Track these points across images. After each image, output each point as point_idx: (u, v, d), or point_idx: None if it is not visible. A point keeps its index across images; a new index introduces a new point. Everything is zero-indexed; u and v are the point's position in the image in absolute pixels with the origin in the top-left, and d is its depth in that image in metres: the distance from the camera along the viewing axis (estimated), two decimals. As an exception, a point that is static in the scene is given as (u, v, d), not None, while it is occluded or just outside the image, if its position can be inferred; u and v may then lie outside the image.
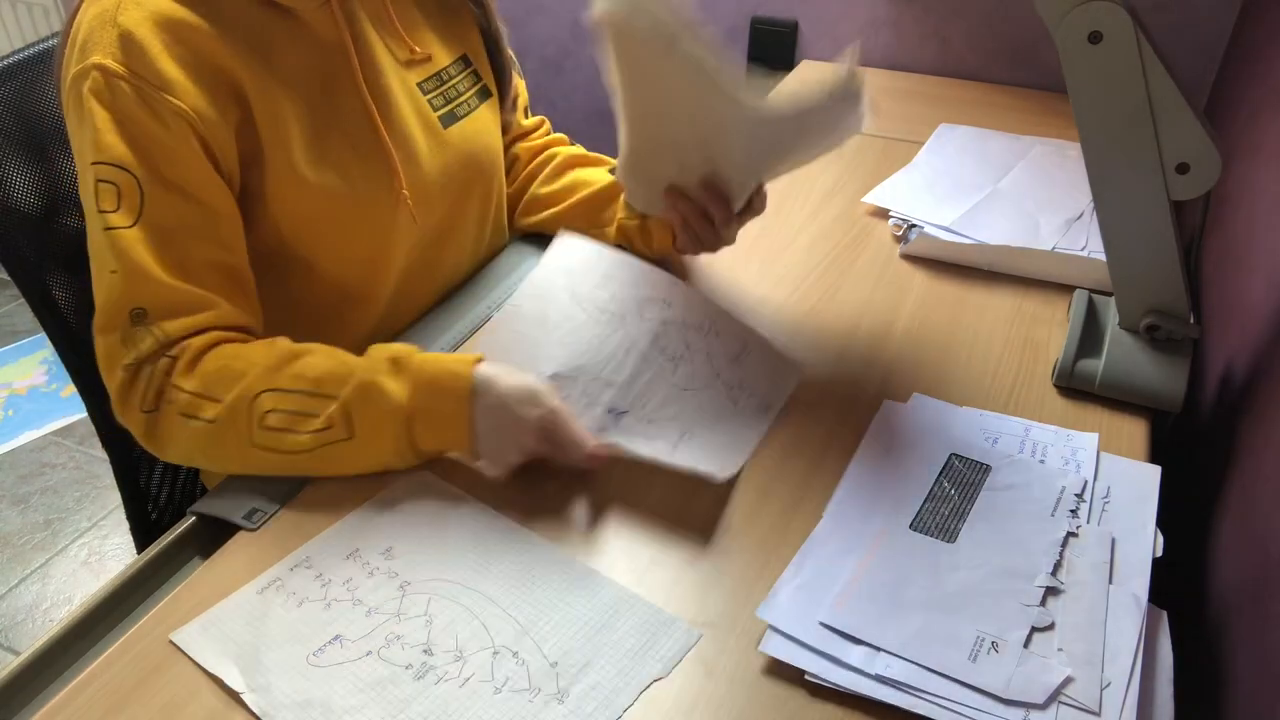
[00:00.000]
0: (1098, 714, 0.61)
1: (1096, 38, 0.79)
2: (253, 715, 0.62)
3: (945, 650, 0.64)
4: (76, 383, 1.01)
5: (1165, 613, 0.68)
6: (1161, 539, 0.73)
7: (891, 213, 1.19)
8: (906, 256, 1.12)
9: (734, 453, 0.82)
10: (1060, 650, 0.65)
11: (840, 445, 0.83)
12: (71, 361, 1.00)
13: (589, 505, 0.78)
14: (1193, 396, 1.05)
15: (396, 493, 0.78)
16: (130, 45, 0.76)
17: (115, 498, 1.24)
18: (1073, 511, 0.75)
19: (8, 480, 2.02)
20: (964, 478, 0.79)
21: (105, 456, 1.05)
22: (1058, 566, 0.71)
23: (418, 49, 0.96)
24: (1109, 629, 0.66)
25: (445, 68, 0.99)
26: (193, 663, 0.65)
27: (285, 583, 0.70)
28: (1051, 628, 0.66)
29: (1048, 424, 0.85)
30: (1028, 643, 0.65)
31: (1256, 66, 1.25)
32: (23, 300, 1.08)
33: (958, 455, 0.81)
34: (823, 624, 0.66)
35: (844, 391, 0.89)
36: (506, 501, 0.77)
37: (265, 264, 0.87)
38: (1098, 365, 0.89)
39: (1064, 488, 0.78)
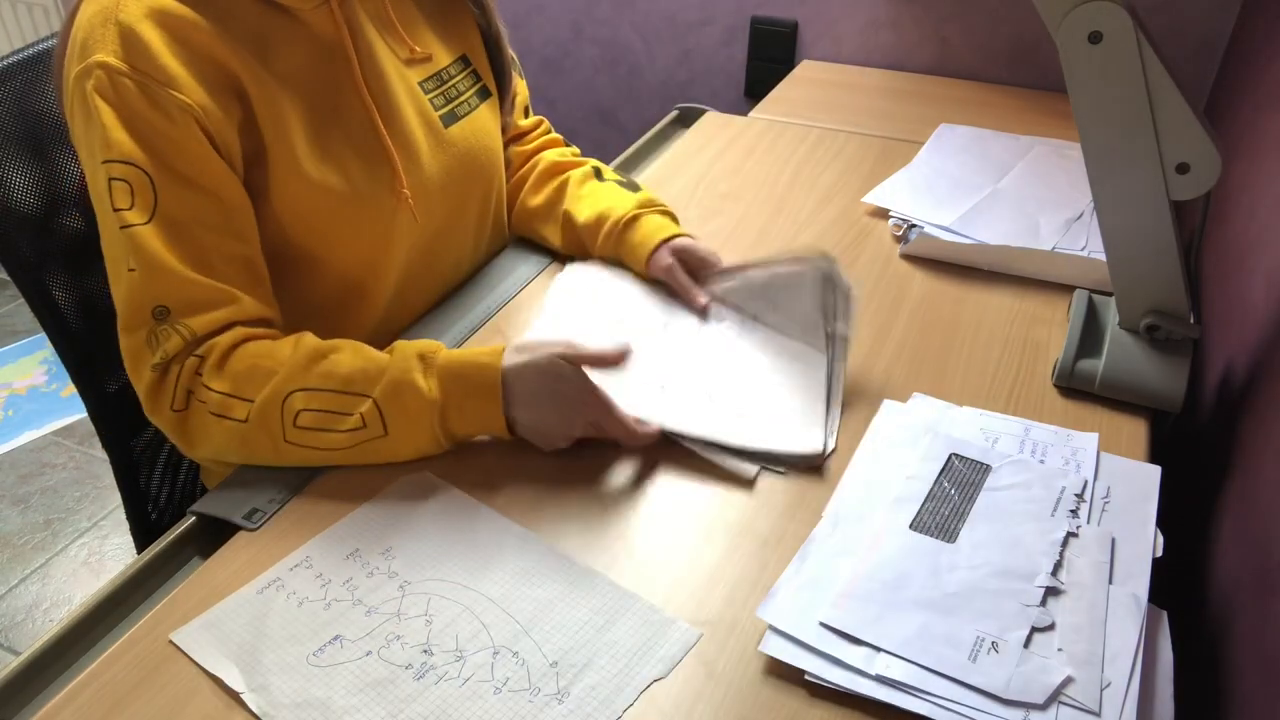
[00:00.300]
0: (1098, 714, 0.61)
1: (1096, 38, 0.79)
2: (253, 715, 0.62)
3: (945, 650, 0.64)
4: (76, 383, 1.01)
5: (1165, 613, 0.68)
6: (1161, 539, 0.73)
7: (891, 213, 1.19)
8: (906, 256, 1.12)
9: (809, 425, 0.84)
10: (1060, 650, 0.65)
11: (840, 445, 0.83)
12: (71, 361, 1.00)
13: (589, 505, 0.78)
14: (1193, 396, 1.05)
15: (396, 493, 0.78)
16: (132, 42, 0.76)
17: (115, 498, 1.24)
18: (1073, 511, 0.75)
19: (8, 480, 2.02)
20: (964, 478, 0.79)
21: (105, 456, 1.05)
22: (1058, 566, 0.71)
23: (418, 48, 0.96)
24: (1109, 629, 0.66)
25: (445, 67, 0.99)
26: (193, 663, 0.65)
27: (285, 583, 0.70)
28: (1051, 628, 0.66)
29: (1048, 424, 0.85)
30: (1028, 643, 0.65)
31: (1256, 66, 1.25)
32: (23, 300, 1.08)
33: (958, 455, 0.81)
34: (823, 624, 0.66)
35: (844, 391, 0.89)
36: (507, 501, 0.78)
37: (266, 263, 0.87)
38: (1098, 365, 0.89)
39: (1064, 488, 0.78)
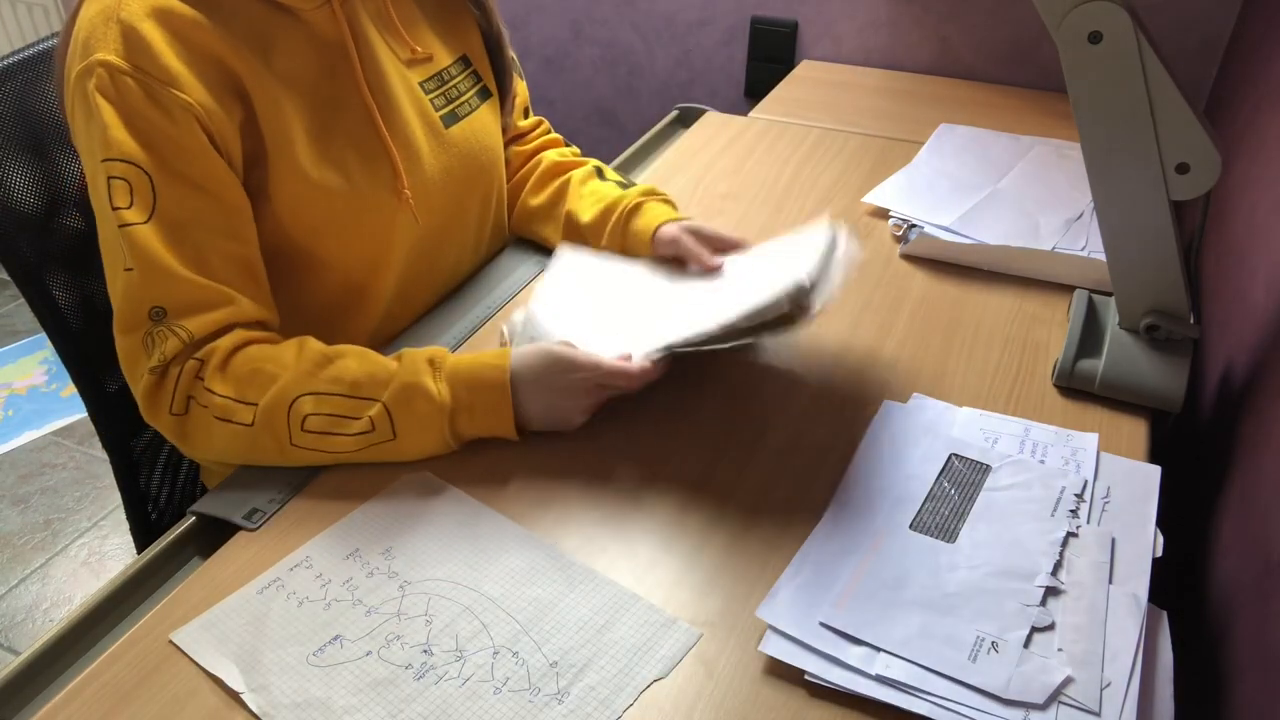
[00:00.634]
0: (1098, 714, 0.61)
1: (1096, 38, 0.79)
2: (253, 715, 0.62)
3: (945, 650, 0.64)
4: (76, 383, 1.01)
5: (1165, 613, 0.68)
6: (1161, 539, 0.73)
7: (891, 213, 1.19)
8: (906, 256, 1.12)
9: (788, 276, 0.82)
10: (1060, 650, 0.65)
11: (840, 445, 0.83)
12: (71, 361, 1.00)
13: (589, 505, 0.78)
14: (1193, 396, 1.05)
15: (396, 493, 0.78)
16: (134, 41, 0.76)
17: (115, 498, 1.24)
18: (1073, 511, 0.75)
19: (8, 480, 2.02)
20: (964, 478, 0.79)
21: (105, 456, 1.05)
22: (1058, 566, 0.71)
23: (419, 49, 0.96)
24: (1109, 629, 0.66)
25: (446, 68, 0.99)
26: (193, 663, 0.65)
27: (285, 583, 0.70)
28: (1051, 628, 0.66)
29: (1048, 424, 0.85)
30: (1028, 643, 0.65)
31: (1256, 66, 1.25)
32: (23, 300, 1.08)
33: (958, 455, 0.81)
34: (823, 624, 0.66)
35: (844, 391, 0.89)
36: (507, 501, 0.78)
37: (266, 263, 0.87)
38: (1098, 365, 0.89)
39: (1064, 488, 0.78)
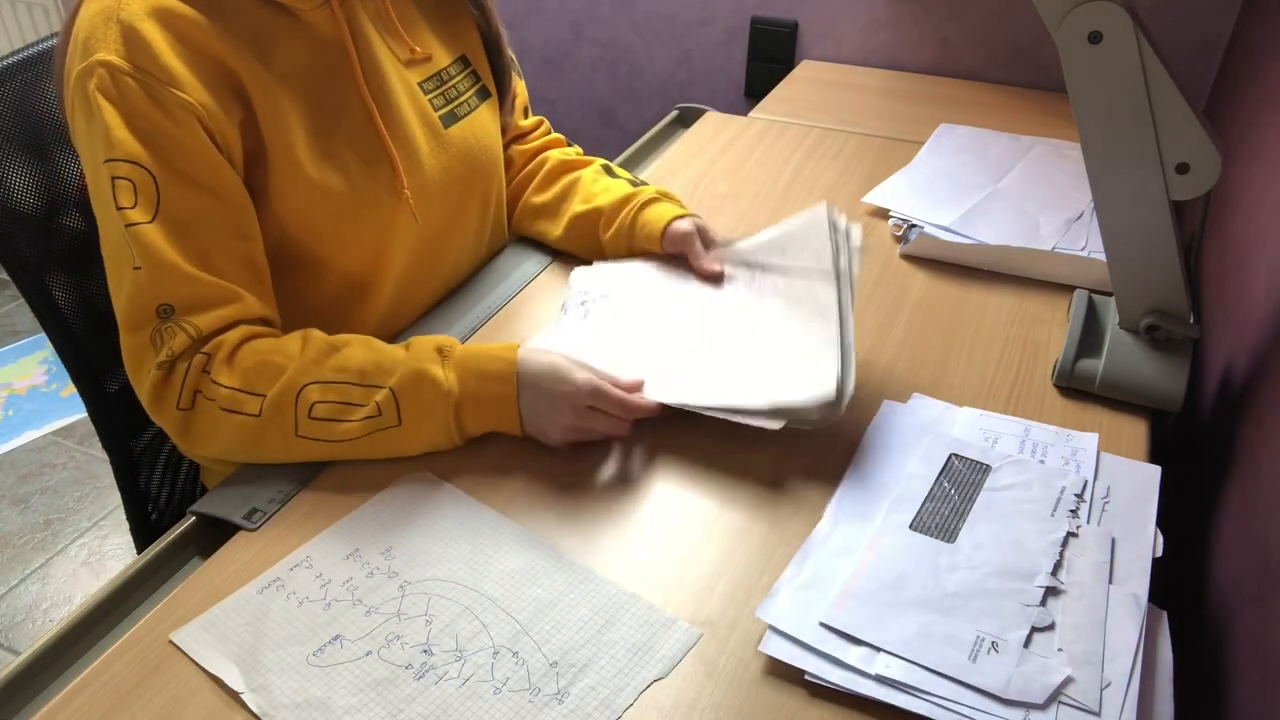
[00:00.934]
0: (1098, 714, 0.61)
1: (1096, 38, 0.79)
2: (253, 715, 0.62)
3: (945, 650, 0.64)
4: (76, 383, 1.01)
5: (1165, 613, 0.68)
6: (1161, 539, 0.73)
7: (891, 213, 1.19)
8: (906, 256, 1.12)
9: (822, 372, 0.81)
10: (1060, 650, 0.65)
11: (840, 445, 0.83)
12: (71, 361, 1.00)
13: (589, 505, 0.78)
14: (1193, 396, 1.05)
15: (396, 493, 0.78)
16: (134, 41, 0.76)
17: (115, 498, 1.24)
18: (1073, 511, 0.75)
19: (8, 480, 2.02)
20: (964, 478, 0.79)
21: (105, 456, 1.05)
22: (1058, 566, 0.71)
23: (418, 49, 0.96)
24: (1109, 629, 0.66)
25: (445, 68, 0.99)
26: (193, 663, 0.65)
27: (285, 583, 0.70)
28: (1051, 628, 0.66)
29: (1048, 424, 0.85)
30: (1028, 643, 0.65)
31: (1256, 66, 1.25)
32: (23, 300, 1.08)
33: (958, 455, 0.81)
34: (822, 624, 0.66)
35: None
36: (507, 501, 0.78)
37: (268, 263, 0.87)
38: (1098, 365, 0.89)
39: (1064, 488, 0.78)
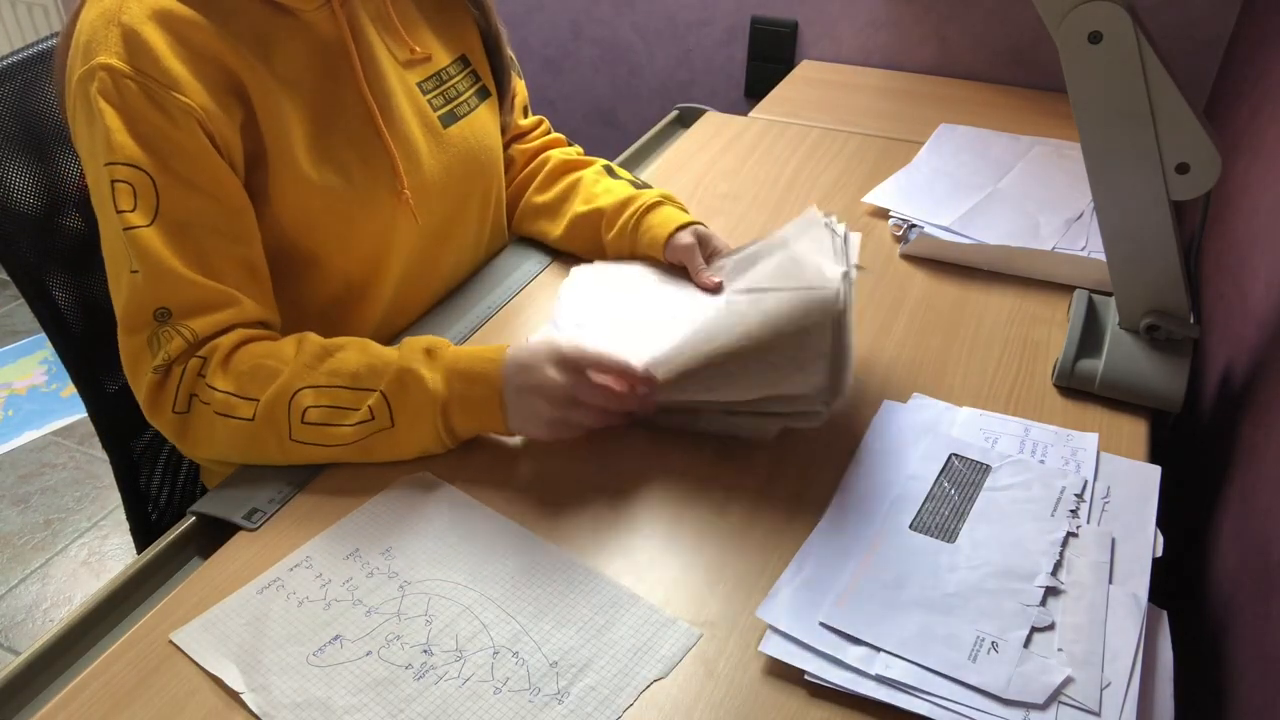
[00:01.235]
0: (1098, 714, 0.61)
1: (1096, 38, 0.79)
2: (252, 715, 0.62)
3: (945, 650, 0.64)
4: (76, 383, 1.01)
5: (1165, 613, 0.68)
6: (1161, 539, 0.73)
7: (891, 213, 1.19)
8: (906, 256, 1.12)
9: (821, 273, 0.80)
10: (1060, 650, 0.65)
11: (840, 445, 0.83)
12: (71, 361, 1.00)
13: (589, 505, 0.78)
14: (1193, 396, 1.05)
15: (396, 493, 0.78)
16: (135, 44, 0.76)
17: (115, 498, 1.24)
18: (1073, 511, 0.75)
19: (8, 480, 2.02)
20: (964, 478, 0.79)
21: (105, 456, 1.05)
22: (1058, 566, 0.71)
23: (418, 49, 0.96)
24: (1109, 629, 0.66)
25: (445, 67, 0.99)
26: (193, 663, 0.65)
27: (285, 583, 0.70)
28: (1051, 628, 0.66)
29: (1048, 424, 0.85)
30: (1028, 643, 0.65)
31: (1256, 66, 1.25)
32: (23, 300, 1.08)
33: (958, 455, 0.81)
34: (822, 624, 0.66)
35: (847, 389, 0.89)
36: (507, 501, 0.78)
37: (267, 263, 0.87)
38: (1098, 365, 0.89)
39: (1064, 488, 0.78)
